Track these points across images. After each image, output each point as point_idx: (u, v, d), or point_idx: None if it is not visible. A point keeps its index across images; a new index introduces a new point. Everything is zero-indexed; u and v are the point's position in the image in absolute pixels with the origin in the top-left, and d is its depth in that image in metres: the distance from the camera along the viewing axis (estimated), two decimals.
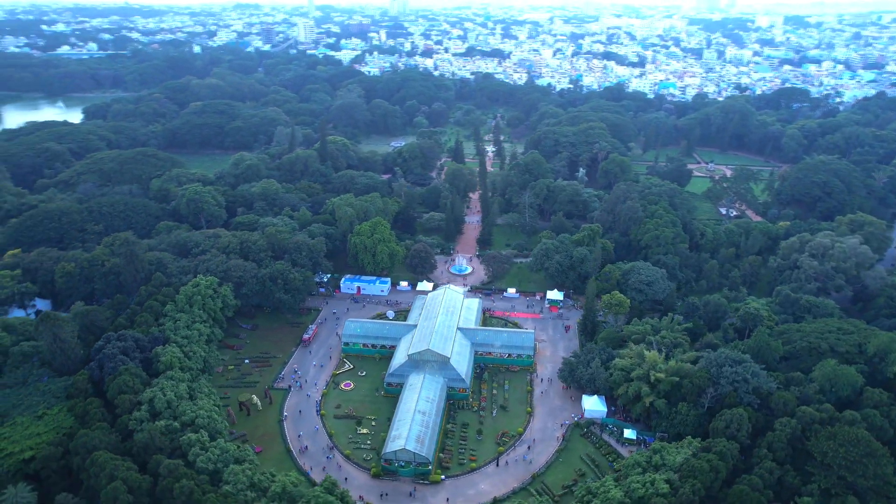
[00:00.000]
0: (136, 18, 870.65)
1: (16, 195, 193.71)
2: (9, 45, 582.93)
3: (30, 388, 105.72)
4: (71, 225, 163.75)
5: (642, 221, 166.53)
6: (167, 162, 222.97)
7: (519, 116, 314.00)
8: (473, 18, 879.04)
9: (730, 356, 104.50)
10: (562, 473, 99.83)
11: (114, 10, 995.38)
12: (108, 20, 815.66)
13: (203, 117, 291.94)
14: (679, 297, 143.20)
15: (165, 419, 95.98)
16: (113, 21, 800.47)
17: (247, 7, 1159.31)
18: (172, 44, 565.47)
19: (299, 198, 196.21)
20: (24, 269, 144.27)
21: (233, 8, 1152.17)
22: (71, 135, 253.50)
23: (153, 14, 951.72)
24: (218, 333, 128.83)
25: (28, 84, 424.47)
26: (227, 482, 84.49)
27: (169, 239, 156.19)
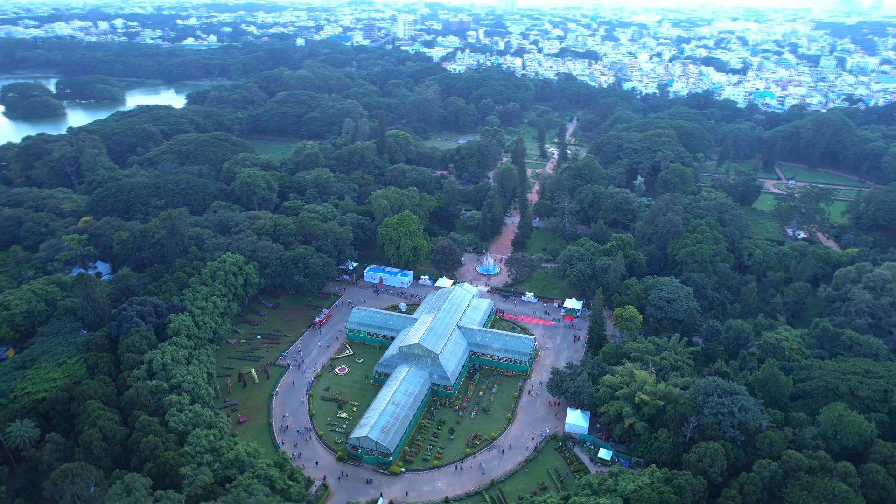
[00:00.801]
0: (258, 13, 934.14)
1: (107, 169, 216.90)
2: (146, 38, 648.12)
3: (61, 339, 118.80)
4: (137, 199, 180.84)
5: (681, 235, 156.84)
6: (239, 146, 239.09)
7: (594, 120, 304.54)
8: (578, 19, 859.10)
9: (720, 385, 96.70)
10: (523, 484, 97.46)
11: (242, 5, 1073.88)
12: (234, 15, 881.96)
13: (284, 106, 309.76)
14: (709, 319, 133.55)
15: (158, 380, 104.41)
16: (238, 16, 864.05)
17: (360, 3, 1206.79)
18: (280, 37, 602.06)
19: (350, 187, 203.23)
20: (90, 235, 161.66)
21: (347, 4, 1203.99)
22: (166, 118, 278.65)
23: (275, 9, 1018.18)
24: (234, 308, 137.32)
25: (152, 71, 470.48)
26: (189, 443, 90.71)
27: (214, 217, 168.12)
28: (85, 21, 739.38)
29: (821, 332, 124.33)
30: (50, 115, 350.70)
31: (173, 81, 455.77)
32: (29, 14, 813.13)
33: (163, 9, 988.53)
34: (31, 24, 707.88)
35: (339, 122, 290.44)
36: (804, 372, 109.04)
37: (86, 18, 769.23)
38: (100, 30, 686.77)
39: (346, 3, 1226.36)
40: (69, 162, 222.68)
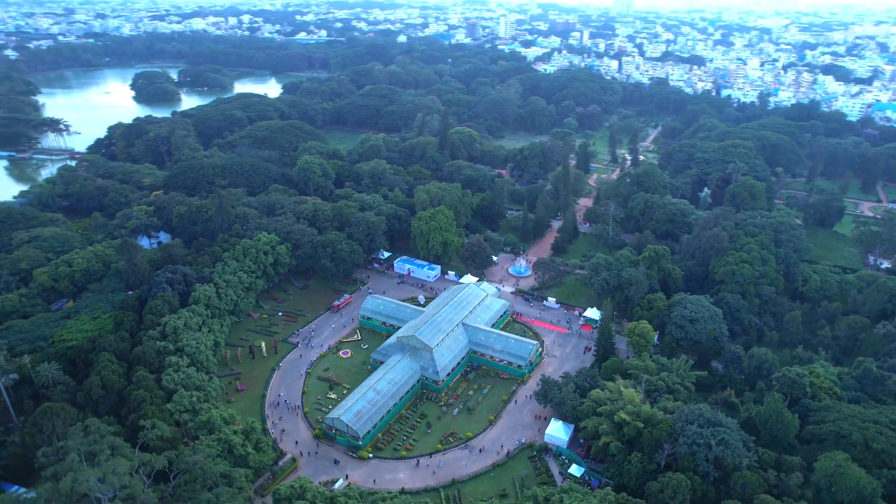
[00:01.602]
0: (373, 10, 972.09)
1: (192, 149, 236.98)
2: (265, 32, 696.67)
3: (104, 297, 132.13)
4: (203, 177, 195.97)
5: (725, 253, 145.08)
6: (311, 135, 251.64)
7: (678, 127, 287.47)
8: (695, 23, 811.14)
9: (704, 414, 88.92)
10: (484, 487, 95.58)
11: (360, 2, 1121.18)
12: (350, 11, 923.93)
13: (366, 99, 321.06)
14: (733, 344, 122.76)
15: (167, 342, 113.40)
16: (354, 13, 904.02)
17: (473, 2, 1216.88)
18: (385, 33, 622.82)
19: (404, 180, 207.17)
20: (156, 207, 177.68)
21: (462, 3, 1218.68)
22: (255, 105, 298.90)
23: (391, 7, 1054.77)
24: (260, 284, 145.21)
25: (262, 63, 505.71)
26: (173, 401, 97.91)
27: (264, 199, 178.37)
28: (218, 17, 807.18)
29: (862, 374, 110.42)
30: (168, 100, 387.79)
31: (279, 72, 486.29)
32: (177, 11, 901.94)
33: (289, 6, 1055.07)
34: (174, 20, 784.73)
35: (415, 117, 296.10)
36: (821, 413, 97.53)
37: (221, 15, 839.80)
38: (229, 24, 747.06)
39: (460, 1, 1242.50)
40: (162, 141, 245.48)
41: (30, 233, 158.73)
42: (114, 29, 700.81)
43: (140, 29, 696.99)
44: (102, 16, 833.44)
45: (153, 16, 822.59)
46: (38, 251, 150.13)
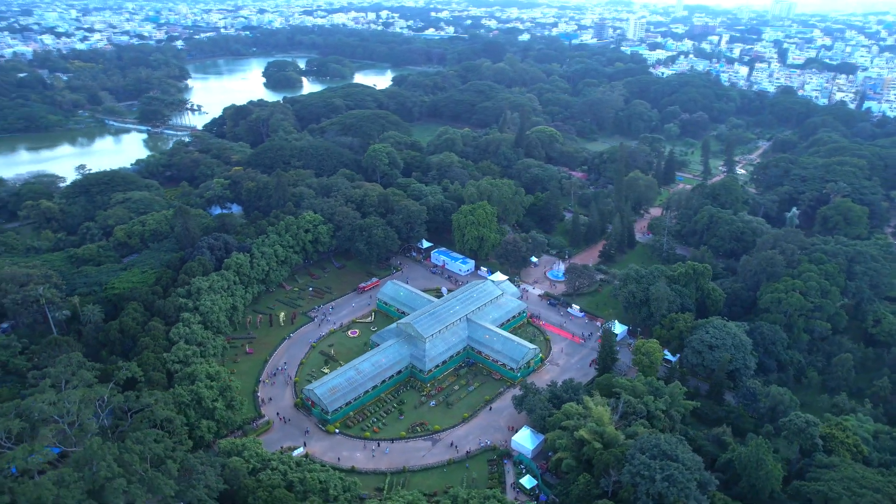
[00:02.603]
0: (511, 9, 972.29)
1: (286, 132, 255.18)
2: (397, 27, 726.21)
3: (158, 255, 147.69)
4: (281, 157, 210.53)
5: (778, 278, 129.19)
6: (395, 125, 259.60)
7: (791, 140, 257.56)
8: (867, 26, 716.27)
9: (660, 445, 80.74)
10: (432, 481, 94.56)
11: (499, 0, 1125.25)
12: (485, 10, 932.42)
13: (464, 94, 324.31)
14: (752, 380, 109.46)
15: (189, 300, 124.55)
16: (488, 11, 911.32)
17: (616, 3, 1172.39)
18: (510, 31, 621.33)
19: (470, 174, 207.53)
20: (232, 181, 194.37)
21: (605, 3, 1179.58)
22: (356, 94, 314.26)
23: (530, 6, 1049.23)
24: (296, 259, 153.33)
25: (383, 55, 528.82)
26: (170, 352, 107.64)
27: (323, 181, 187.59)
28: (360, 13, 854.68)
29: None
30: (291, 87, 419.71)
31: (398, 65, 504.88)
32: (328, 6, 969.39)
33: (430, 3, 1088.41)
34: (321, 15, 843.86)
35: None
36: (820, 471, 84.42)
37: (364, 10, 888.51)
38: (367, 19, 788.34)
39: (603, 2, 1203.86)
40: (262, 123, 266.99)
41: (125, 195, 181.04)
42: (267, 23, 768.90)
43: (289, 23, 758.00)
44: (263, 11, 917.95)
45: (304, 10, 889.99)
46: (126, 211, 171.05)
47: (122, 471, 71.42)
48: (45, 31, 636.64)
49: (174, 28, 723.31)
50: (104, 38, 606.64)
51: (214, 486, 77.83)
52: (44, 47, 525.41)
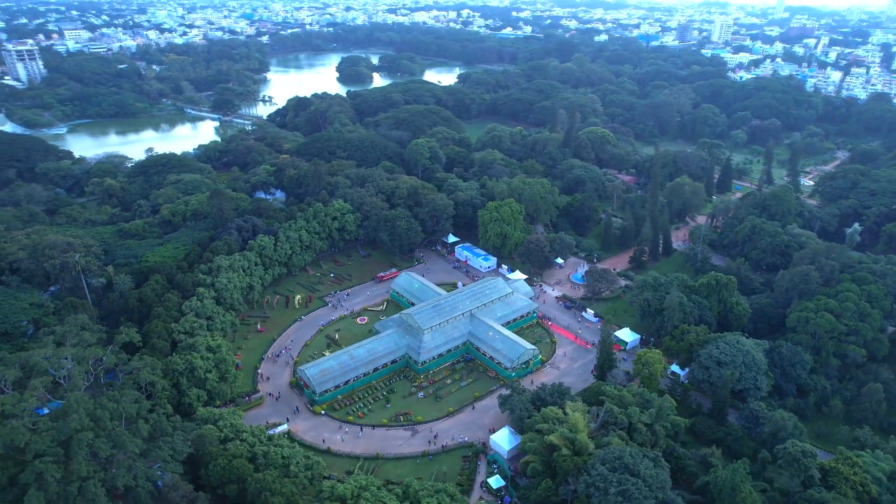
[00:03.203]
0: (597, 9, 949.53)
1: (341, 123, 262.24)
2: (475, 26, 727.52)
3: (192, 233, 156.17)
4: (327, 148, 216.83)
5: (812, 296, 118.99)
6: (446, 121, 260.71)
7: (874, 151, 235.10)
8: None
9: (624, 459, 76.57)
10: (402, 470, 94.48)
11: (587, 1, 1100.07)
12: (570, 10, 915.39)
13: (524, 93, 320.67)
14: (758, 402, 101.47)
15: (209, 276, 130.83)
16: (571, 12, 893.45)
17: (712, 4, 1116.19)
18: (588, 32, 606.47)
19: (512, 172, 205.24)
20: (277, 169, 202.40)
21: (699, 5, 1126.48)
22: (415, 90, 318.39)
23: (619, 7, 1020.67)
24: (320, 245, 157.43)
25: (456, 53, 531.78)
26: (179, 322, 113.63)
27: (359, 172, 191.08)
28: (442, 11, 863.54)
29: None
30: (361, 81, 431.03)
31: (470, 63, 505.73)
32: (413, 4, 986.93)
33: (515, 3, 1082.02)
34: (403, 13, 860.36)
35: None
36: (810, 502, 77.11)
37: (447, 9, 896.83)
38: (448, 18, 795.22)
39: (696, 3, 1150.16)
40: (320, 115, 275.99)
41: (178, 176, 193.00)
42: (351, 20, 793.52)
43: (372, 20, 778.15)
44: (349, 8, 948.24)
45: (388, 9, 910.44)
46: (175, 191, 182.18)
47: (92, 425, 76.41)
48: (152, 27, 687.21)
49: (264, 24, 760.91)
50: (200, 34, 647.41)
51: (181, 449, 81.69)
52: (147, 42, 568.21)
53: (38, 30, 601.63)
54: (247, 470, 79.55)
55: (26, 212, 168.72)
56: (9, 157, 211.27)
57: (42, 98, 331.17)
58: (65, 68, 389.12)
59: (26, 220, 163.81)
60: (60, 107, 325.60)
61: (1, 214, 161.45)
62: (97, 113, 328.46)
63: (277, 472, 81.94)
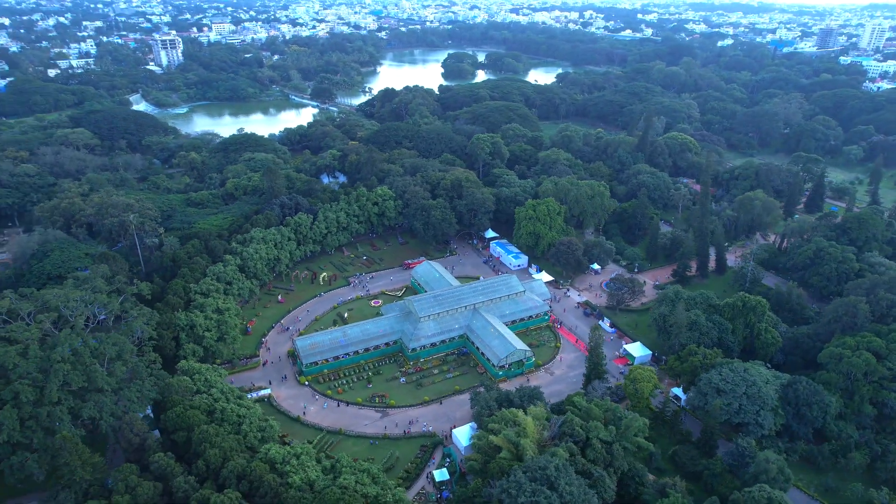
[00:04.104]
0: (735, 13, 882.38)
1: (420, 115, 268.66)
2: (594, 27, 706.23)
3: (243, 206, 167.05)
4: (394, 138, 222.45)
5: (857, 332, 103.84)
6: (522, 119, 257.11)
7: None
8: None
9: (547, 471, 71.92)
10: (359, 448, 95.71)
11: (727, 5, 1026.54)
12: (703, 14, 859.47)
13: (616, 96, 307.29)
14: (748, 442, 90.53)
15: (241, 245, 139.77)
16: (703, 15, 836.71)
17: (879, 8, 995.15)
18: (713, 36, 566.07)
19: (575, 172, 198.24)
20: (343, 154, 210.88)
21: (860, 8, 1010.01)
22: (503, 87, 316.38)
23: (763, 10, 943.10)
24: (357, 228, 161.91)
25: (564, 54, 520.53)
26: (197, 282, 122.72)
27: (416, 161, 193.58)
28: (565, 11, 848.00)
29: None
30: (463, 77, 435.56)
31: (578, 64, 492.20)
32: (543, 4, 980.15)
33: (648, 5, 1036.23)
34: (525, 13, 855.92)
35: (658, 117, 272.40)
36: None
37: (569, 9, 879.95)
38: (568, 19, 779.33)
39: (857, 7, 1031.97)
40: (404, 107, 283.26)
41: (252, 155, 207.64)
42: (472, 18, 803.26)
43: (493, 19, 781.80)
44: (474, 7, 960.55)
45: (511, 8, 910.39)
46: (245, 167, 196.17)
47: (73, 358, 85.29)
48: (288, 21, 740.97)
49: (388, 20, 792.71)
50: (328, 28, 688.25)
51: (148, 393, 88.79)
52: (277, 34, 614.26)
53: (195, 24, 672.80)
54: (197, 420, 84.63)
55: (118, 177, 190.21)
56: (123, 130, 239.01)
57: (173, 81, 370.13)
58: (198, 56, 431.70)
59: (117, 184, 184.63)
60: (186, 89, 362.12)
61: (97, 178, 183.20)
62: (214, 96, 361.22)
63: (228, 429, 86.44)
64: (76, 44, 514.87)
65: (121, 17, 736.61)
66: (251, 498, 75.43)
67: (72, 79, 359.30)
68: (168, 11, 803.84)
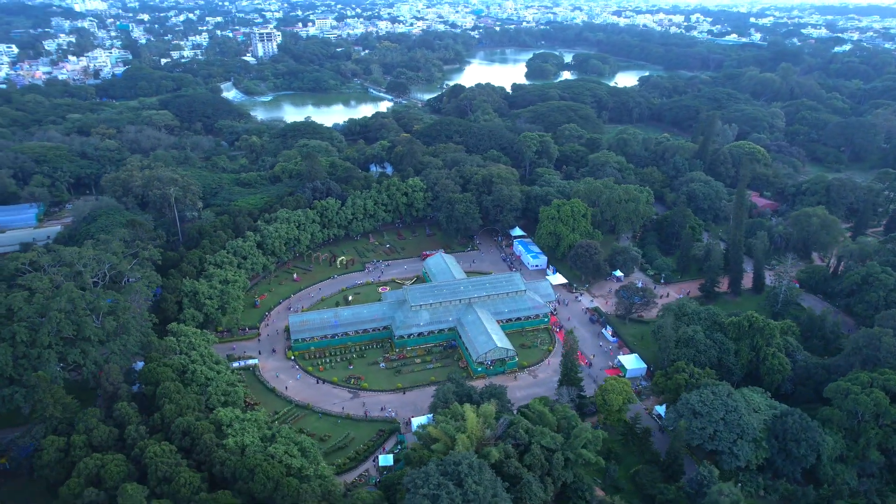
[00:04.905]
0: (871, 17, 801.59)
1: (483, 112, 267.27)
2: (696, 31, 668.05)
3: (280, 188, 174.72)
4: (445, 132, 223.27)
5: (878, 366, 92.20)
6: (583, 119, 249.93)
7: None
8: None
9: (460, 468, 69.78)
10: (321, 424, 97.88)
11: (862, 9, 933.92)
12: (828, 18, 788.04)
13: (694, 101, 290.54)
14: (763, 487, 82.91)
15: (264, 224, 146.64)
16: (831, 20, 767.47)
17: None
18: (826, 41, 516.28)
19: (624, 175, 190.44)
20: (391, 145, 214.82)
21: None
22: (575, 88, 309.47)
23: None
24: (383, 216, 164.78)
25: (657, 57, 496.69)
26: (214, 253, 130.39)
27: (456, 156, 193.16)
28: (670, 14, 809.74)
29: None
30: (545, 77, 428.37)
31: (671, 68, 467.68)
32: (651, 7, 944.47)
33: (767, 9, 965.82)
34: (629, 15, 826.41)
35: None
36: None
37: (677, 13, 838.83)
38: (671, 22, 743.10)
39: None
40: (467, 103, 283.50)
41: (307, 141, 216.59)
42: (571, 19, 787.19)
43: (593, 21, 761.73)
44: (578, 8, 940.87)
45: (614, 11, 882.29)
46: (297, 153, 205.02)
47: (68, 307, 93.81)
48: (389, 19, 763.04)
49: (485, 20, 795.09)
50: (425, 25, 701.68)
51: (130, 348, 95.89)
52: (372, 30, 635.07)
53: (302, 19, 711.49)
54: (164, 377, 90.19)
55: (183, 155, 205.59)
56: (200, 113, 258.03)
57: (263, 71, 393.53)
58: (291, 49, 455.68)
59: (181, 161, 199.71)
60: (274, 79, 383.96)
61: (163, 154, 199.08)
62: (298, 86, 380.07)
63: (196, 389, 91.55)
64: (194, 36, 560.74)
65: (240, 13, 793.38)
66: (189, 454, 79.47)
67: (177, 67, 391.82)
68: (282, 8, 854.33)
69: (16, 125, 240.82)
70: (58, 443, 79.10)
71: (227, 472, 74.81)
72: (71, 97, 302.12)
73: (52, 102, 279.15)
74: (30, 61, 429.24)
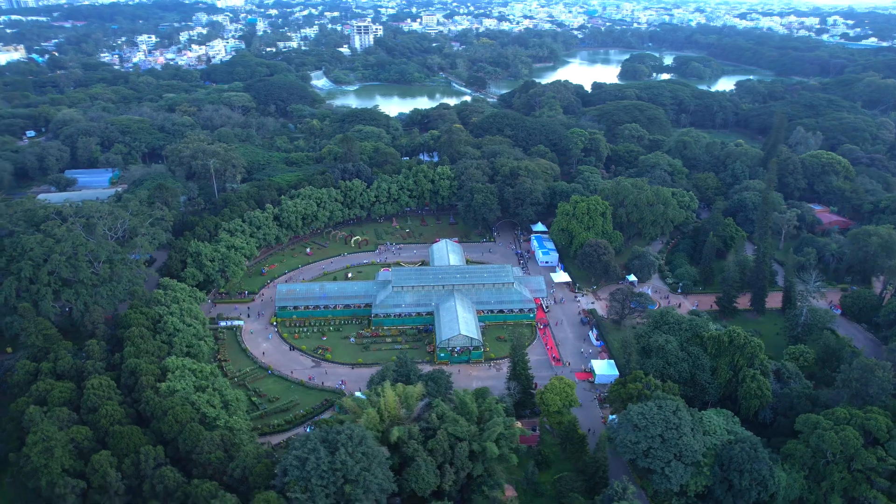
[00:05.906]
0: None
1: (549, 108, 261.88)
2: (830, 34, 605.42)
3: (318, 167, 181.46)
4: (496, 125, 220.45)
5: (869, 404, 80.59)
6: (649, 120, 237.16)
7: None
8: None
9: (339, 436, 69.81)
10: (275, 387, 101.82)
11: None
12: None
13: (788, 107, 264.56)
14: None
15: (287, 199, 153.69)
16: None
17: None
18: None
19: (674, 180, 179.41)
20: (439, 134, 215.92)
21: None
22: (653, 89, 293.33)
23: None
24: (406, 201, 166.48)
25: (768, 62, 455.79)
26: (225, 220, 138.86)
27: (494, 148, 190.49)
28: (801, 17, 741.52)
29: None
30: (638, 78, 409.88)
31: (781, 73, 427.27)
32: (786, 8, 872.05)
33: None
34: (754, 17, 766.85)
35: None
36: None
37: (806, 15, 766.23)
38: (801, 25, 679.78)
39: None
40: (535, 99, 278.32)
41: (361, 127, 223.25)
42: (688, 21, 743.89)
43: (711, 23, 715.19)
44: (700, 10, 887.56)
45: (738, 14, 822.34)
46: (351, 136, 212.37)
47: (70, 252, 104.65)
48: (497, 17, 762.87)
49: (596, 20, 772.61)
50: (532, 24, 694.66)
51: (117, 294, 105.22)
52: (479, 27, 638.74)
53: (412, 15, 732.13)
54: (135, 322, 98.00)
55: (245, 133, 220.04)
56: (275, 97, 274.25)
57: (354, 63, 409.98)
58: (385, 42, 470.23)
59: (242, 139, 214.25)
60: (362, 70, 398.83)
61: (226, 132, 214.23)
62: (385, 77, 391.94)
63: (164, 337, 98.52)
64: (305, 29, 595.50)
65: (359, 9, 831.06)
66: (131, 392, 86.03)
67: (277, 56, 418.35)
68: (399, 5, 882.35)
69: (122, 101, 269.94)
70: (28, 366, 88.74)
71: (148, 411, 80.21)
72: (179, 80, 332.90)
73: (159, 84, 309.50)
74: (161, 49, 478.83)
